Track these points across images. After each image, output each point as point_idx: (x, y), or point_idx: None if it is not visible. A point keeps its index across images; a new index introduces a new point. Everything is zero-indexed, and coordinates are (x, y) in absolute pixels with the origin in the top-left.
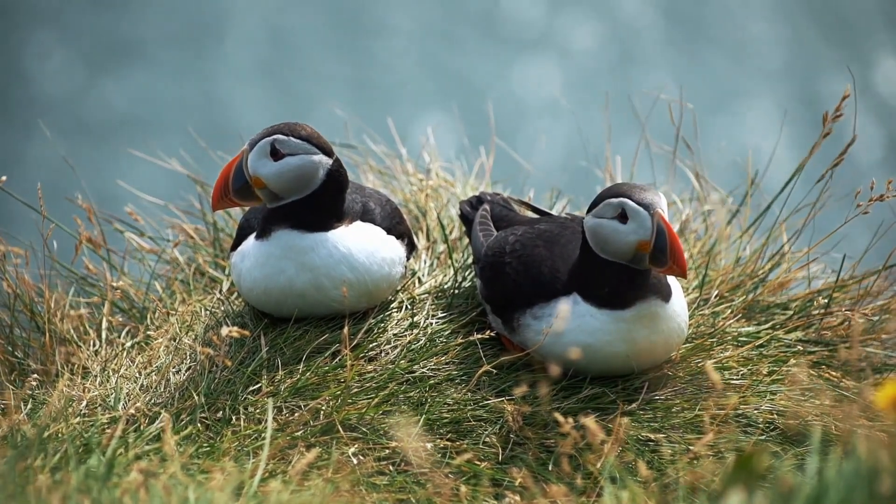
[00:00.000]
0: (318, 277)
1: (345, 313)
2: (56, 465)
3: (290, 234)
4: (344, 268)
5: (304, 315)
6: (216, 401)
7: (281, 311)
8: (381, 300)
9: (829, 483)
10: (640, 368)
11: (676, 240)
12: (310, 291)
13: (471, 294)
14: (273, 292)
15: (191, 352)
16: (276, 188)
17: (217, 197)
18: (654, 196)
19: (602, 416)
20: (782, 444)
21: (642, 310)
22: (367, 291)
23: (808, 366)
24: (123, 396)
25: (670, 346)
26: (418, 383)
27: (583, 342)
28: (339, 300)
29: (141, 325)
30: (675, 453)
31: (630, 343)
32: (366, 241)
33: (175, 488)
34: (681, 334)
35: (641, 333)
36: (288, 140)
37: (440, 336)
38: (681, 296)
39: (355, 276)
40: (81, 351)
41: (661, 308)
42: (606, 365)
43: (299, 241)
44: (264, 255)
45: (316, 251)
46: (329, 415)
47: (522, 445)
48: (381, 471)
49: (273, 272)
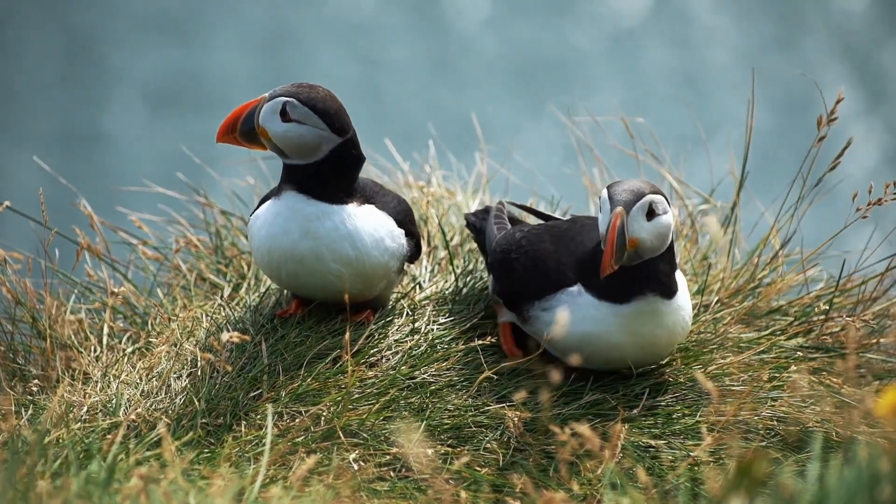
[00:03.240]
0: (320, 247)
1: (337, 295)
2: (57, 471)
3: (298, 197)
4: (346, 244)
5: (299, 285)
6: (217, 406)
7: (280, 275)
8: (374, 289)
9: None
10: (644, 363)
11: (610, 242)
12: (309, 258)
13: (472, 300)
14: (275, 253)
15: (192, 357)
16: (280, 146)
17: (223, 130)
18: (627, 194)
19: (603, 423)
20: (783, 451)
21: (641, 306)
22: (364, 274)
23: (809, 372)
24: (124, 402)
25: (673, 341)
26: (419, 389)
27: (584, 332)
28: (336, 274)
29: (142, 331)
30: (676, 459)
31: (631, 336)
32: (374, 226)
33: (176, 494)
34: (685, 328)
35: (644, 328)
36: (300, 108)
37: (441, 342)
38: (685, 291)
39: (356, 255)
40: (82, 357)
41: (661, 305)
42: (608, 356)
43: (305, 207)
44: (273, 214)
45: (321, 221)
46: (330, 420)
47: (523, 451)
48: (381, 476)
49: (279, 232)
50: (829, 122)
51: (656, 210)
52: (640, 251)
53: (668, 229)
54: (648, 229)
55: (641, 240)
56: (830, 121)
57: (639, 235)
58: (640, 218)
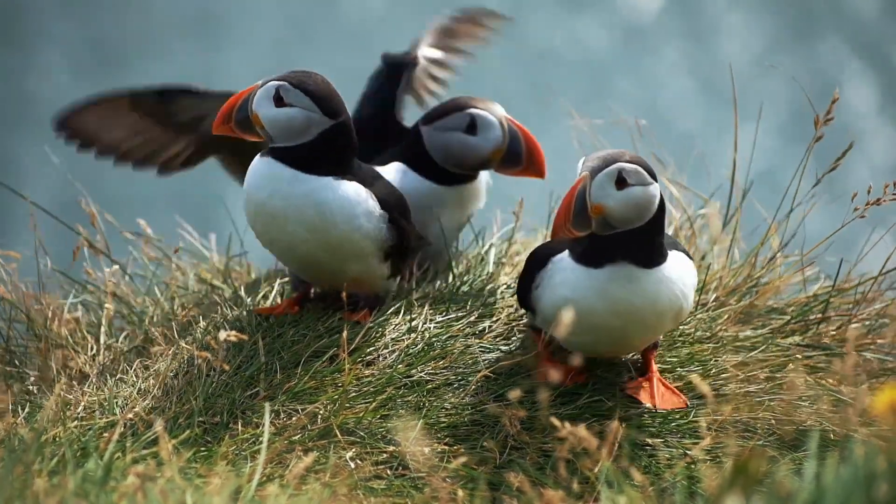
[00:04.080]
0: (287, 208)
1: (308, 263)
2: (53, 469)
3: (279, 164)
4: (312, 210)
5: (271, 241)
6: (214, 405)
7: (256, 226)
8: (346, 268)
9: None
10: (631, 336)
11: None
12: (278, 217)
13: (469, 299)
14: (250, 204)
15: (189, 356)
16: (269, 130)
17: (219, 121)
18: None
19: (600, 423)
20: (780, 449)
21: (614, 271)
22: (330, 246)
23: (806, 371)
24: (121, 400)
25: (659, 312)
26: (416, 388)
27: (566, 297)
28: (302, 239)
29: (139, 330)
30: (673, 458)
31: (608, 301)
32: (350, 200)
33: (172, 492)
34: (673, 301)
35: (617, 293)
36: (293, 91)
37: (438, 340)
38: (682, 266)
39: (321, 222)
40: (79, 355)
41: (637, 272)
42: (589, 324)
43: (283, 170)
44: (256, 166)
45: (293, 185)
46: (327, 419)
47: (520, 450)
48: (378, 475)
49: (254, 186)
50: (825, 122)
51: (628, 179)
52: (610, 220)
53: (646, 201)
54: (617, 198)
55: (608, 207)
56: (827, 121)
57: (604, 203)
58: (607, 185)
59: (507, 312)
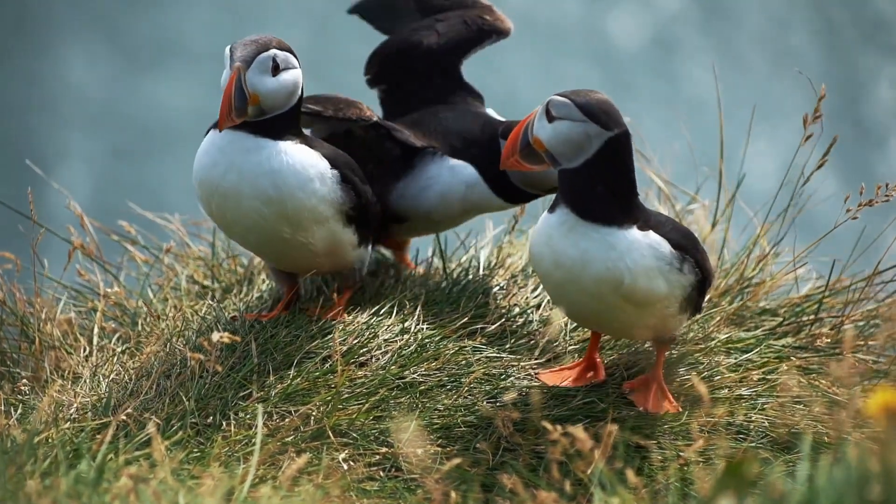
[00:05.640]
0: (242, 182)
1: (266, 239)
2: (46, 470)
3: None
4: (267, 181)
5: (228, 224)
6: (206, 406)
7: (209, 208)
8: (308, 239)
9: (820, 490)
10: (576, 295)
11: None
12: (231, 194)
13: (461, 299)
14: (204, 186)
15: (181, 357)
16: (268, 105)
17: (223, 114)
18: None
19: (593, 424)
20: (773, 451)
21: (560, 218)
22: (287, 217)
23: (799, 372)
24: (114, 401)
25: (596, 277)
26: (409, 389)
27: (532, 240)
28: (259, 213)
29: (132, 331)
30: (666, 460)
31: (551, 249)
32: (303, 164)
33: (165, 494)
34: (614, 272)
35: (561, 243)
36: (285, 55)
37: (431, 341)
38: (646, 242)
39: (277, 194)
40: (72, 357)
41: (580, 225)
42: (542, 274)
43: (243, 141)
44: (209, 143)
45: (248, 155)
46: (319, 420)
47: (513, 452)
48: (371, 476)
49: (208, 164)
50: (814, 121)
51: (553, 111)
52: (553, 154)
53: (577, 137)
54: (548, 129)
55: (543, 140)
56: (815, 118)
57: (539, 135)
58: (541, 117)
59: (500, 314)
